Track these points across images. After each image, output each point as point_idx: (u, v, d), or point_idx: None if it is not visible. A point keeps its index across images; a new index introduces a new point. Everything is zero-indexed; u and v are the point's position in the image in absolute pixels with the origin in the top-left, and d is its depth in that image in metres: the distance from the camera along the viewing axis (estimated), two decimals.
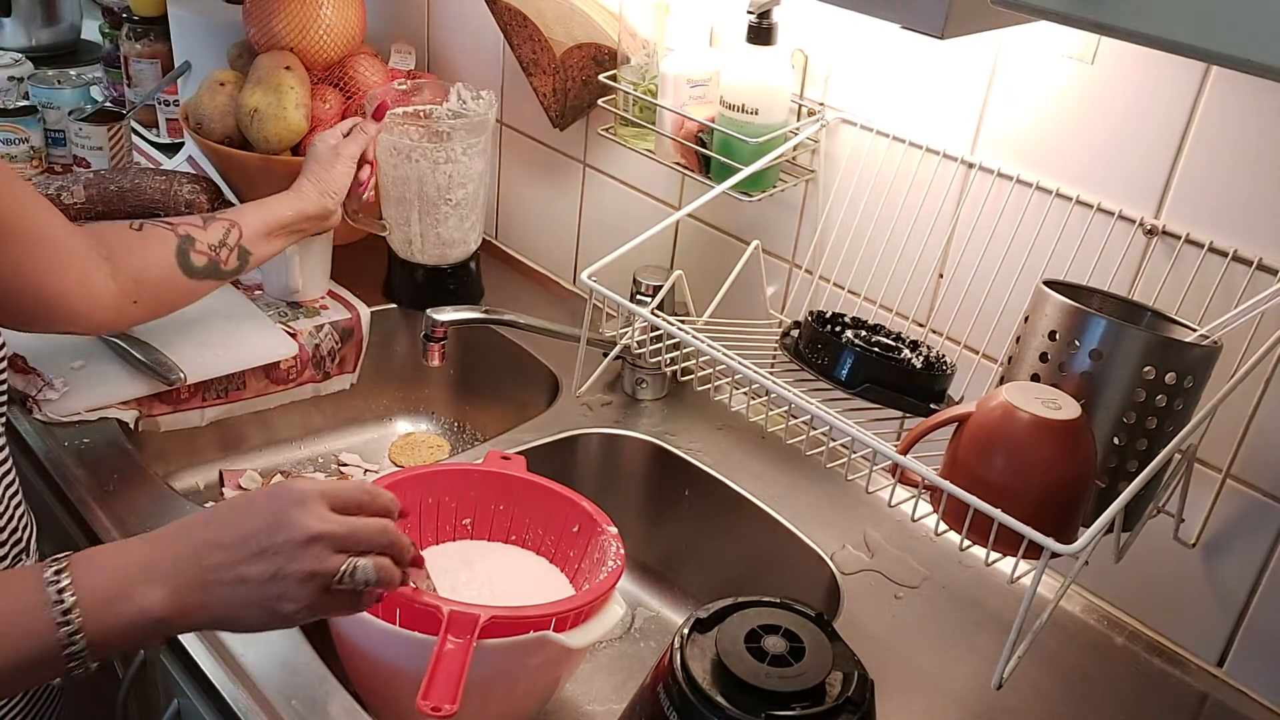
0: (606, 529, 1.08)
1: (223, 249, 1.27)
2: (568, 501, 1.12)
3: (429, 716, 0.85)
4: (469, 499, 1.14)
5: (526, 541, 1.15)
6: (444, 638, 0.91)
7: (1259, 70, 0.66)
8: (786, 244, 1.39)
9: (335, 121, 1.68)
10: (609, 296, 1.18)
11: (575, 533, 1.11)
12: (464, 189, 1.53)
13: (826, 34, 1.28)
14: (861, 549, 1.24)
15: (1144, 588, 1.16)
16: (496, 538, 1.15)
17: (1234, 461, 1.05)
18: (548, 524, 1.13)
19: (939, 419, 1.00)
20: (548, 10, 1.49)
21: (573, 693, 1.18)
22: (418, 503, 1.11)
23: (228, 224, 1.28)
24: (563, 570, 1.12)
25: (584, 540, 1.10)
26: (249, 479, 1.44)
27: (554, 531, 1.12)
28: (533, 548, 1.15)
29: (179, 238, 1.24)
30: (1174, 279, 1.06)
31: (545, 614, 0.96)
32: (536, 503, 1.13)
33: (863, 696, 0.84)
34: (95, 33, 2.28)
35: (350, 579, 0.79)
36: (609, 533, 1.07)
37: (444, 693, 0.87)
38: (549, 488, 1.13)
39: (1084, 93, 1.09)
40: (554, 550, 1.13)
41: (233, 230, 1.28)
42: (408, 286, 1.61)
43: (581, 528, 1.10)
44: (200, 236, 1.25)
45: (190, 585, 0.78)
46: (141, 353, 1.36)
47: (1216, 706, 1.11)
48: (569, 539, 1.11)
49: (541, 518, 1.13)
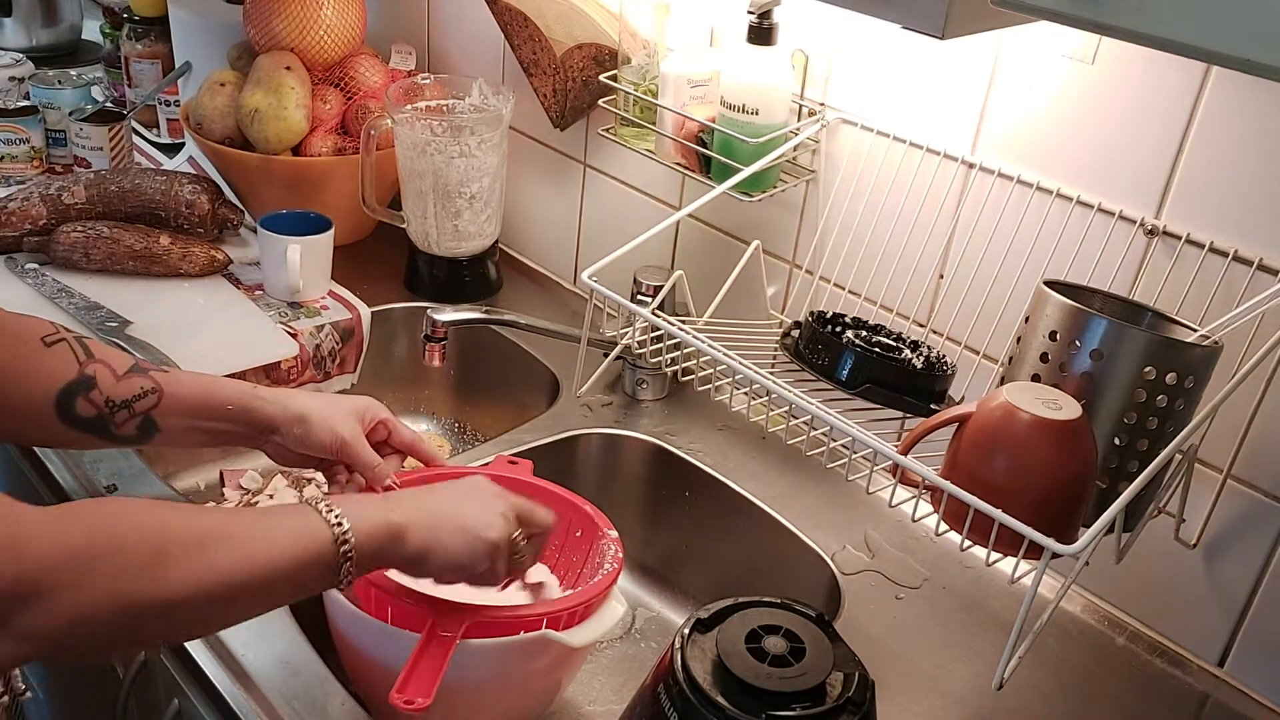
0: (606, 532, 1.08)
1: (121, 411, 1.02)
2: (571, 506, 1.11)
3: (401, 710, 0.85)
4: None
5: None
6: (429, 633, 0.91)
7: (1259, 70, 0.66)
8: (787, 244, 1.39)
9: (335, 122, 1.68)
10: (609, 296, 1.18)
11: (578, 537, 1.11)
12: (479, 183, 1.54)
13: (826, 34, 1.28)
14: (862, 549, 1.24)
15: (1145, 588, 1.15)
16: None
17: (1235, 462, 1.05)
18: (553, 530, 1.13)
19: (939, 419, 1.00)
20: (548, 10, 1.49)
21: (573, 693, 1.17)
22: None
23: (150, 386, 1.04)
24: (564, 576, 1.12)
25: (585, 545, 1.10)
26: (249, 479, 1.44)
27: (558, 536, 1.12)
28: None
29: (78, 375, 1.02)
30: (1175, 279, 1.06)
31: (536, 614, 0.96)
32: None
33: (863, 697, 0.83)
34: (95, 33, 2.28)
35: (520, 549, 0.95)
36: (609, 536, 1.07)
37: (420, 687, 0.87)
38: (554, 493, 1.12)
39: (1084, 93, 1.09)
40: (557, 555, 1.13)
41: (149, 395, 1.03)
42: (425, 278, 1.65)
43: (584, 532, 1.10)
44: (105, 385, 1.02)
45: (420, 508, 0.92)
46: (142, 353, 1.36)
47: (1217, 707, 1.11)
48: (572, 543, 1.11)
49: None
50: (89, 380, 1.02)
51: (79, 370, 1.02)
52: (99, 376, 1.02)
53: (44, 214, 1.59)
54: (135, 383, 1.03)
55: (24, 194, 1.60)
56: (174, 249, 1.58)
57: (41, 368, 1.01)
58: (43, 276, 1.56)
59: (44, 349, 1.02)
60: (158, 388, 1.04)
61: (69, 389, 1.01)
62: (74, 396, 1.01)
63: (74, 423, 1.02)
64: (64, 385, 1.01)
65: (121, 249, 1.56)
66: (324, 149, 1.67)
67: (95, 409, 1.02)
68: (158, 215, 1.62)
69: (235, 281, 1.61)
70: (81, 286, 1.54)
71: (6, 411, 1.01)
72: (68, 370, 1.01)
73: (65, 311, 1.49)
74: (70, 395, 1.01)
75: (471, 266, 1.64)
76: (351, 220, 1.69)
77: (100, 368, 1.03)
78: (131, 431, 1.04)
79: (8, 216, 1.58)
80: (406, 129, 1.52)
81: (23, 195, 1.60)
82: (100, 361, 1.03)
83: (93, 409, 1.02)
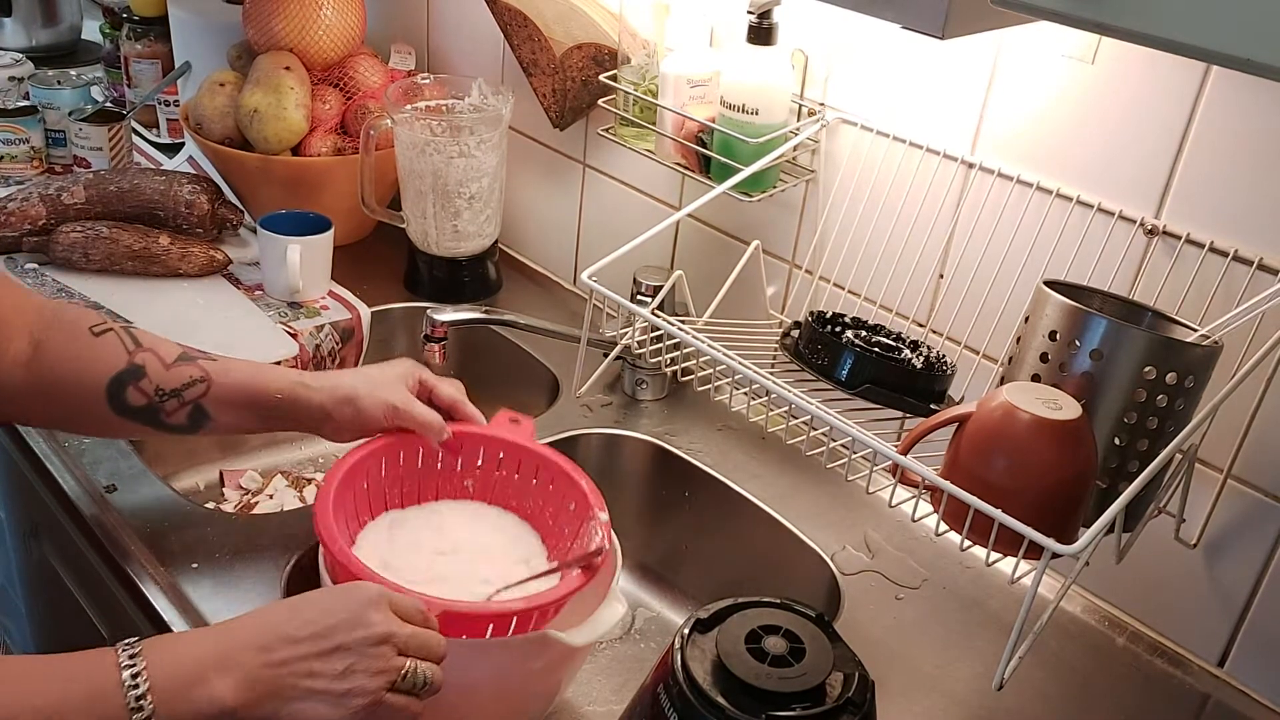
0: (597, 514, 1.05)
1: (171, 400, 1.03)
2: (567, 477, 1.09)
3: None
4: (472, 460, 1.12)
5: (525, 510, 1.12)
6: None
7: (1259, 70, 0.66)
8: (786, 244, 1.39)
9: (335, 122, 1.68)
10: (609, 296, 1.18)
11: (571, 511, 1.08)
12: (479, 183, 1.54)
13: (826, 34, 1.28)
14: (862, 550, 1.24)
15: (1145, 588, 1.15)
16: (497, 501, 1.13)
17: (1235, 461, 1.05)
18: (546, 496, 1.11)
19: (939, 419, 1.00)
20: (548, 10, 1.49)
21: (573, 694, 1.17)
22: (419, 459, 1.10)
23: (198, 375, 1.04)
24: (554, 548, 1.09)
25: (577, 521, 1.08)
26: (249, 479, 1.44)
27: (551, 503, 1.10)
28: (529, 517, 1.12)
29: (127, 364, 1.03)
30: (1174, 279, 1.06)
31: (502, 611, 0.94)
32: (539, 474, 1.11)
33: (863, 697, 0.83)
34: (95, 33, 2.28)
35: (411, 679, 0.85)
36: (598, 518, 1.05)
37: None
38: (552, 460, 1.10)
39: (1084, 93, 1.09)
40: (550, 522, 1.11)
41: (198, 384, 1.04)
42: (424, 278, 1.65)
43: (577, 506, 1.08)
44: (154, 373, 1.03)
45: (262, 677, 0.81)
46: None
47: (1218, 707, 1.10)
48: (565, 515, 1.09)
49: (542, 490, 1.11)
50: (138, 369, 1.02)
51: (128, 359, 1.03)
52: (148, 365, 1.03)
53: (43, 214, 1.59)
54: (184, 371, 1.04)
55: (23, 194, 1.60)
56: (173, 249, 1.58)
57: (92, 356, 1.02)
58: (42, 276, 1.56)
59: (93, 338, 1.03)
60: (206, 376, 1.04)
61: (119, 378, 1.02)
62: (124, 385, 1.02)
63: (125, 411, 1.03)
64: (114, 374, 1.02)
65: (121, 249, 1.56)
66: (323, 149, 1.67)
67: (145, 398, 1.03)
68: (157, 215, 1.62)
69: (235, 281, 1.61)
70: (81, 286, 1.54)
71: (58, 400, 1.02)
72: (117, 360, 1.02)
73: None
74: (120, 384, 1.02)
75: (471, 266, 1.64)
76: (351, 220, 1.69)
77: (149, 356, 1.04)
78: (183, 420, 1.04)
79: (7, 216, 1.58)
80: (406, 129, 1.52)
81: (22, 195, 1.60)
82: (149, 350, 1.04)
83: (143, 398, 1.02)
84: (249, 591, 1.11)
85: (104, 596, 1.24)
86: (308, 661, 0.82)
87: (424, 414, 1.07)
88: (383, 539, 1.06)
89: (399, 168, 1.58)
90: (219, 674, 0.80)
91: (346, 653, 0.82)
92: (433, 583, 1.01)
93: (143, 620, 1.11)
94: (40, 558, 1.48)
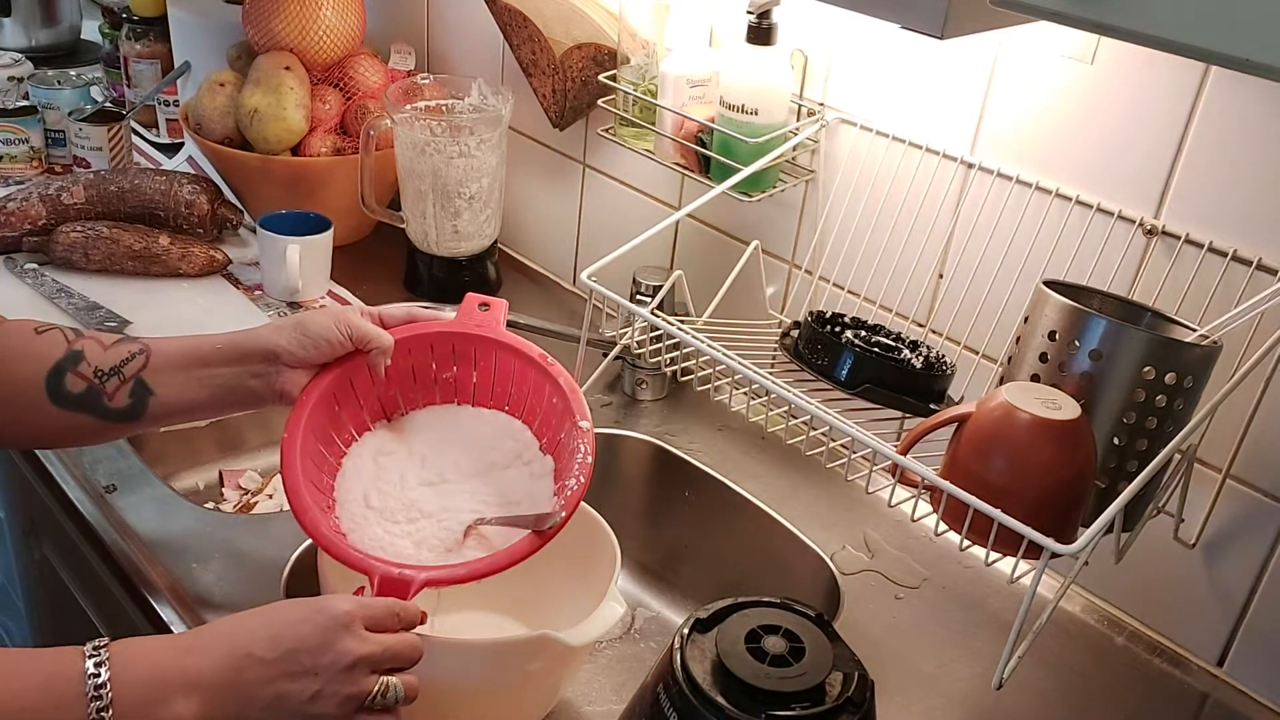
0: (579, 423, 1.01)
1: (112, 379, 0.99)
2: (541, 371, 1.05)
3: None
4: (447, 362, 1.08)
5: (510, 405, 1.09)
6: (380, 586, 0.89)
7: (1259, 70, 0.66)
8: (786, 244, 1.39)
9: (335, 122, 1.68)
10: (609, 296, 1.18)
11: (555, 404, 1.05)
12: (479, 183, 1.54)
13: (826, 34, 1.28)
14: (861, 549, 1.24)
15: (1144, 588, 1.15)
16: (480, 402, 1.10)
17: (1234, 461, 1.05)
18: (525, 388, 1.07)
19: (939, 419, 1.00)
20: (547, 10, 1.49)
21: (572, 694, 1.17)
22: (397, 367, 1.06)
23: (137, 349, 1.01)
24: (544, 436, 1.06)
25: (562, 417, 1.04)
26: (249, 479, 1.44)
27: (540, 403, 1.06)
28: (515, 410, 1.08)
29: (66, 352, 0.99)
30: (1174, 279, 1.06)
31: (479, 570, 0.92)
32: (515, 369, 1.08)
33: (863, 697, 0.83)
34: (95, 33, 2.28)
35: (383, 699, 0.83)
36: (580, 427, 1.00)
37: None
38: (529, 355, 1.06)
39: (1084, 93, 1.09)
40: (537, 421, 1.07)
41: (138, 357, 1.00)
42: (424, 278, 1.64)
43: (559, 402, 1.04)
44: (92, 355, 0.99)
45: (226, 698, 0.79)
46: None
47: (1217, 707, 1.11)
48: (549, 409, 1.05)
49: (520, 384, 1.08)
50: (77, 354, 0.99)
51: (67, 347, 1.00)
52: (86, 350, 1.00)
53: (43, 214, 1.60)
54: (123, 348, 1.01)
55: (23, 194, 1.60)
56: (173, 249, 1.58)
57: (32, 353, 0.99)
58: (42, 276, 1.56)
59: (35, 337, 1.00)
60: (145, 349, 1.01)
61: (58, 366, 0.98)
62: (63, 373, 0.98)
63: (65, 400, 0.98)
64: (53, 364, 0.99)
65: (121, 249, 1.56)
66: (323, 149, 1.67)
67: (85, 381, 0.99)
68: (157, 215, 1.62)
69: (234, 281, 1.61)
70: (81, 286, 1.54)
71: (7, 404, 0.99)
72: (56, 350, 0.99)
73: (65, 311, 1.49)
74: (59, 373, 0.98)
75: (471, 266, 1.64)
76: (351, 220, 1.69)
77: (89, 342, 1.01)
78: (125, 401, 1.00)
79: (7, 216, 1.58)
80: (406, 129, 1.52)
81: (22, 195, 1.60)
82: (90, 338, 1.01)
83: (82, 382, 0.99)
84: (249, 591, 1.11)
85: (103, 596, 1.24)
86: (275, 684, 0.80)
87: (374, 328, 1.03)
88: (367, 469, 1.03)
89: (399, 168, 1.58)
90: (184, 693, 0.79)
91: (315, 677, 0.80)
92: (416, 521, 1.00)
93: (141, 620, 1.11)
94: (40, 557, 1.48)
